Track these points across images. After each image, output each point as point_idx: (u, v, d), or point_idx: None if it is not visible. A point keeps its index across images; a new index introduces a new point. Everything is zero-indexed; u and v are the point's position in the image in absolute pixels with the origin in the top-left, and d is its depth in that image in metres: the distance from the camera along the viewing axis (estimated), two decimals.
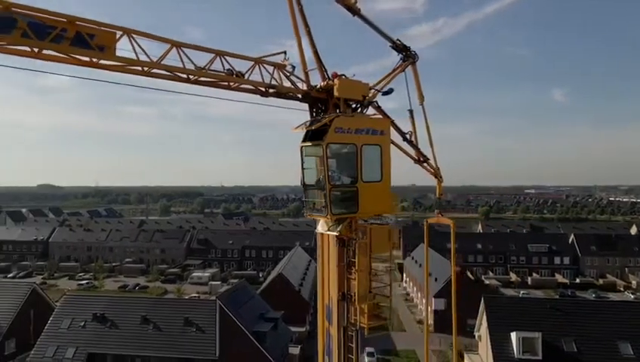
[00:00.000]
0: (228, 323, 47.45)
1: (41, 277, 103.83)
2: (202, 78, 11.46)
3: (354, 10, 14.08)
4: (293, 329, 60.39)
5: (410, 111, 15.25)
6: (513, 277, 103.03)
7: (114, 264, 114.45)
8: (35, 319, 53.28)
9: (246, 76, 12.09)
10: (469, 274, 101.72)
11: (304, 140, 13.35)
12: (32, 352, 48.20)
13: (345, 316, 12.92)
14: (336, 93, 13.21)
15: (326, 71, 13.69)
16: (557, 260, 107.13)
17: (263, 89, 12.29)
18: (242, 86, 12.25)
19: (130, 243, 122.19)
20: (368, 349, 59.81)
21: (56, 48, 9.33)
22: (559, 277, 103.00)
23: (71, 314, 51.09)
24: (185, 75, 11.15)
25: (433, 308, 70.92)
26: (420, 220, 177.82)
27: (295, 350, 55.83)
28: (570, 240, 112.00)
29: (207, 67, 11.43)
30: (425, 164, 15.66)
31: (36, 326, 51.99)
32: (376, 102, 14.62)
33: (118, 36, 10.12)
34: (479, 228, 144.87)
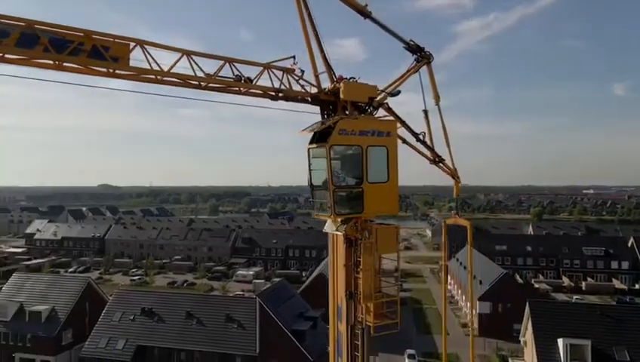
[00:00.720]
0: (267, 320, 48.40)
1: (98, 272, 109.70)
2: (212, 84, 11.97)
3: (365, 14, 14.17)
4: None
5: (425, 112, 15.21)
6: (566, 281, 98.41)
7: (164, 261, 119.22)
8: (89, 311, 56.55)
9: (256, 81, 12.49)
10: (517, 277, 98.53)
11: (311, 142, 13.65)
12: (87, 343, 51.27)
13: (353, 314, 13.11)
14: (341, 96, 13.45)
15: (334, 74, 13.90)
16: (614, 264, 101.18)
17: (273, 93, 12.67)
18: (252, 90, 12.69)
19: (179, 241, 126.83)
20: (409, 351, 59.18)
21: (75, 61, 10.08)
22: (617, 283, 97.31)
23: (122, 307, 53.87)
24: (196, 82, 11.71)
25: (477, 311, 69.08)
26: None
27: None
28: (630, 243, 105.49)
29: (216, 74, 11.94)
30: (441, 165, 15.56)
31: (91, 318, 55.23)
32: (387, 103, 14.69)
33: (131, 47, 10.76)
34: (530, 230, 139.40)
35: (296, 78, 13.51)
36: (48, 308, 55.06)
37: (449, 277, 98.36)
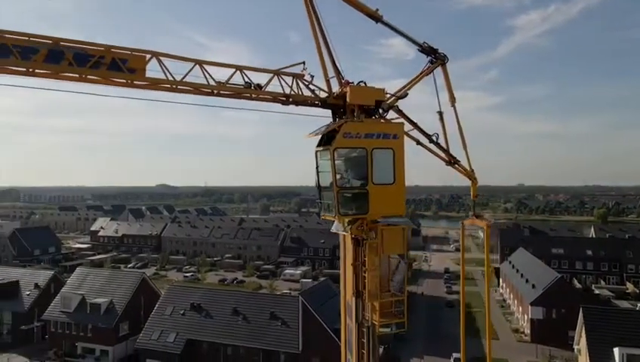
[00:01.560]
0: (310, 319, 49.02)
1: (155, 268, 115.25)
2: (223, 91, 12.48)
3: (376, 18, 14.29)
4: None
5: (440, 113, 15.14)
6: (630, 287, 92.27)
7: (215, 259, 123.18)
8: (144, 305, 59.61)
9: (265, 87, 12.89)
10: (575, 282, 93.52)
11: (318, 145, 13.91)
12: (141, 335, 54.14)
13: (360, 312, 13.27)
14: (348, 100, 13.66)
15: (343, 78, 14.06)
16: None
17: (283, 98, 13.04)
18: (262, 96, 13.07)
19: (229, 240, 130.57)
20: (456, 355, 57.83)
21: (97, 74, 10.87)
22: None
23: (173, 302, 56.41)
24: (208, 90, 12.26)
25: (530, 316, 66.36)
26: (523, 223, 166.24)
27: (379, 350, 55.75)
28: None
29: (227, 81, 12.46)
30: (456, 166, 15.42)
31: (145, 312, 58.24)
32: (397, 106, 14.68)
33: (147, 58, 11.48)
34: (592, 233, 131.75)
35: (306, 83, 13.80)
36: (107, 301, 58.57)
37: (501, 281, 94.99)
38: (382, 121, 14.14)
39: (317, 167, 14.23)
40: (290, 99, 13.14)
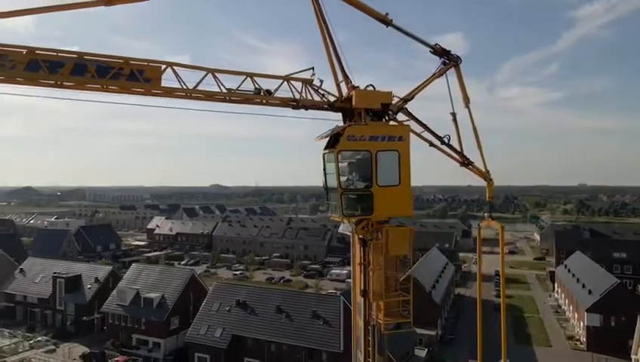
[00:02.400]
0: (351, 319, 49.08)
1: (206, 266, 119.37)
2: (235, 98, 13.04)
3: (387, 22, 14.44)
4: (421, 331, 59.60)
5: (453, 115, 15.11)
6: None
7: (264, 258, 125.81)
8: (193, 301, 62.04)
9: (275, 92, 13.35)
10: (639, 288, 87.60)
11: (326, 147, 14.19)
12: (190, 329, 56.38)
13: (367, 311, 13.38)
14: (353, 103, 13.93)
15: (350, 82, 14.30)
16: None
17: (293, 103, 13.43)
18: (271, 101, 13.50)
19: (277, 239, 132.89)
20: None
21: (116, 84, 11.72)
22: None
23: (220, 299, 58.29)
24: (221, 96, 12.85)
25: (586, 323, 63.03)
26: (584, 225, 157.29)
27: (421, 352, 55.06)
28: None
29: (237, 88, 13.03)
30: (470, 167, 15.27)
31: (194, 307, 60.59)
32: (406, 108, 14.74)
33: (162, 69, 12.21)
34: None
35: (316, 87, 14.15)
36: (159, 296, 61.49)
37: (556, 286, 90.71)
38: (389, 123, 14.26)
39: (324, 169, 14.59)
40: (300, 104, 13.54)
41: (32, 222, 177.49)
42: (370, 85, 14.10)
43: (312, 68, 13.93)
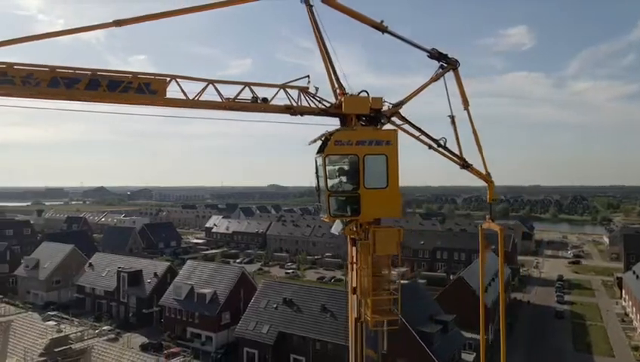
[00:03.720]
0: None
1: (260, 264, 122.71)
2: (234, 106, 13.83)
3: (382, 29, 14.65)
4: (469, 335, 58.03)
5: (452, 117, 15.17)
6: None
7: (316, 257, 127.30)
8: (243, 297, 64.23)
9: (271, 100, 14.11)
10: None
11: (318, 151, 14.66)
12: (239, 324, 58.48)
13: (357, 308, 13.66)
14: (343, 110, 14.36)
15: (340, 89, 14.69)
16: None
17: (290, 110, 14.10)
18: (269, 109, 14.13)
19: (329, 238, 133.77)
20: None
21: (126, 96, 12.82)
22: None
23: (267, 296, 59.95)
24: (221, 106, 13.67)
25: None
26: None
27: (469, 357, 53.67)
28: None
29: (235, 97, 13.86)
30: (470, 169, 15.27)
31: (244, 304, 62.70)
32: (399, 112, 14.99)
33: (167, 81, 13.27)
34: None
35: (311, 95, 14.65)
36: (211, 292, 64.21)
37: (623, 293, 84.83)
38: (382, 128, 14.64)
39: (316, 172, 15.10)
40: (296, 111, 14.20)
41: (103, 219, 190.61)
42: (364, 91, 14.46)
43: (308, 76, 14.53)
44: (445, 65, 15.03)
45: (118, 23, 12.48)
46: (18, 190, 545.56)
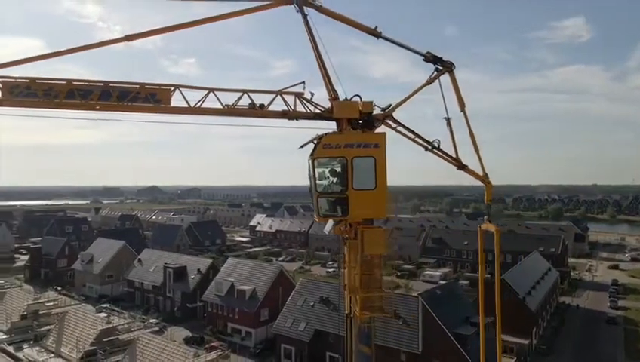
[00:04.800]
0: (430, 320, 48.40)
1: (301, 263, 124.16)
2: (233, 112, 14.52)
3: (376, 34, 14.87)
4: (511, 339, 56.42)
5: (447, 119, 15.15)
6: None
7: None
8: (281, 295, 65.47)
9: (268, 106, 14.70)
10: None
11: (310, 154, 14.98)
12: (277, 321, 59.73)
13: (349, 305, 13.96)
14: (333, 114, 14.77)
15: (331, 93, 15.05)
16: None
17: (287, 115, 14.65)
18: (266, 114, 14.71)
19: None
20: None
21: (134, 106, 13.78)
22: None
23: (305, 294, 60.84)
24: (221, 113, 14.39)
25: None
26: None
27: (508, 361, 52.19)
28: None
29: (234, 104, 14.52)
30: (466, 170, 15.32)
31: (282, 301, 63.92)
32: (392, 116, 15.16)
33: (172, 90, 14.15)
34: None
35: (307, 100, 15.09)
36: (251, 289, 65.92)
37: None
38: (373, 131, 14.93)
39: (309, 174, 15.52)
40: (291, 116, 14.73)
41: (153, 217, 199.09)
42: (357, 95, 14.84)
43: (303, 82, 15.03)
44: (440, 68, 15.10)
45: (129, 38, 13.50)
46: (83, 189, 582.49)
